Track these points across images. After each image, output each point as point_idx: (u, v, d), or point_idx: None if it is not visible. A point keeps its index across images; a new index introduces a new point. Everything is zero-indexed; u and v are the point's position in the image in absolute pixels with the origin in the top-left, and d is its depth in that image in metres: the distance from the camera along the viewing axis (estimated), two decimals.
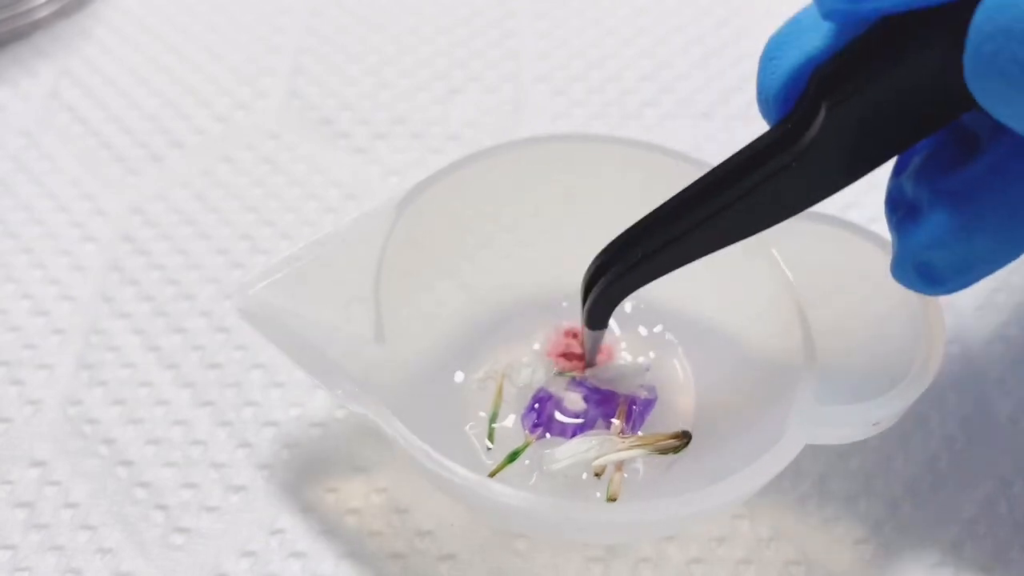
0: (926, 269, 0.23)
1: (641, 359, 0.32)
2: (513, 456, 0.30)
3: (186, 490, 0.31)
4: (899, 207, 0.24)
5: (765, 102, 0.24)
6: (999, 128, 0.21)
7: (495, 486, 0.25)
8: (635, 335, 0.33)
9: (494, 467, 0.30)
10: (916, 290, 0.23)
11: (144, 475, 0.31)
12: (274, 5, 0.47)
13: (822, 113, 0.22)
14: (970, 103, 0.20)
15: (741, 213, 0.24)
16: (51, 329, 0.35)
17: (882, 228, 0.36)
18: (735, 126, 0.40)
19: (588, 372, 0.31)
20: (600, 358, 0.32)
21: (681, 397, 0.31)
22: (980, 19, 0.18)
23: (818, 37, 0.22)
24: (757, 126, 0.24)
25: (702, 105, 0.42)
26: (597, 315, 0.29)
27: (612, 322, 0.33)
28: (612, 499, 0.29)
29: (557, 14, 0.46)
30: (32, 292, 0.36)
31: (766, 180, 0.23)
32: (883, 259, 0.29)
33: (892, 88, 0.21)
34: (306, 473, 0.31)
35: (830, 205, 0.38)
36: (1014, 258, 0.22)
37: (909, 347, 0.27)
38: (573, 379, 0.32)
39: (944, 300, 0.34)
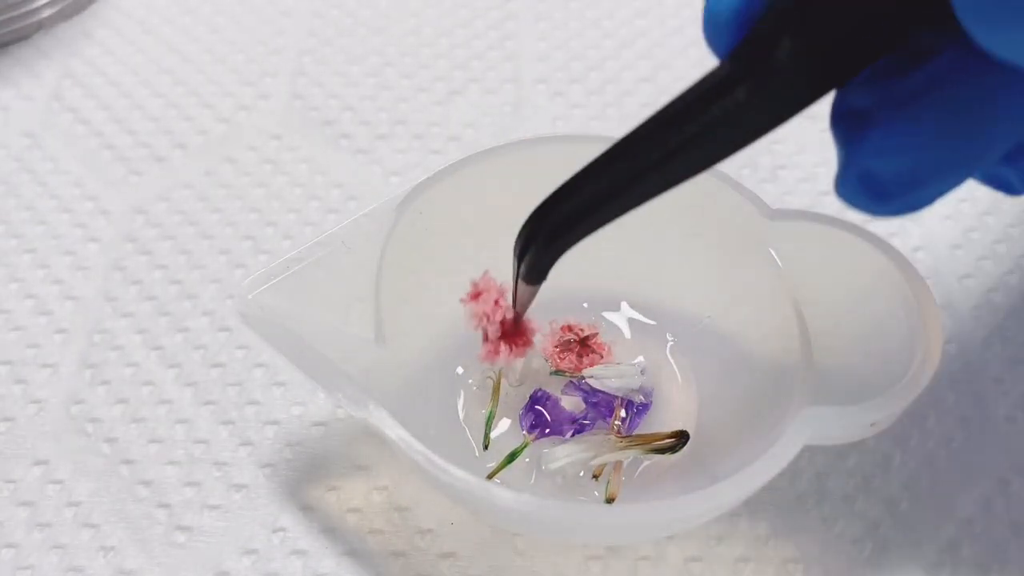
0: (871, 181, 0.21)
1: (639, 359, 0.32)
2: (511, 457, 0.30)
3: (188, 488, 0.31)
4: (845, 117, 0.22)
5: (714, 32, 0.22)
6: (948, 35, 0.20)
7: (495, 490, 0.25)
8: (634, 335, 0.33)
9: (493, 468, 0.30)
10: (861, 208, 0.22)
11: (146, 473, 0.31)
12: (276, 7, 0.47)
13: (786, 45, 0.21)
14: (937, 16, 0.19)
15: (698, 148, 0.23)
16: (54, 328, 0.35)
17: (881, 228, 0.37)
18: None
19: (585, 373, 0.31)
20: (597, 359, 0.32)
21: (680, 397, 0.32)
22: None
23: None
24: None
25: None
26: (540, 267, 0.26)
27: (618, 322, 0.33)
28: (610, 499, 0.29)
29: (557, 16, 0.46)
30: (35, 292, 0.36)
31: (726, 114, 0.22)
32: (882, 259, 0.29)
33: (859, 16, 0.20)
34: (307, 472, 0.31)
35: (830, 205, 0.38)
36: (962, 177, 0.21)
37: (906, 347, 0.28)
38: (571, 381, 0.32)
39: (942, 300, 0.35)
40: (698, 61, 0.44)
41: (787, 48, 0.21)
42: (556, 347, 0.32)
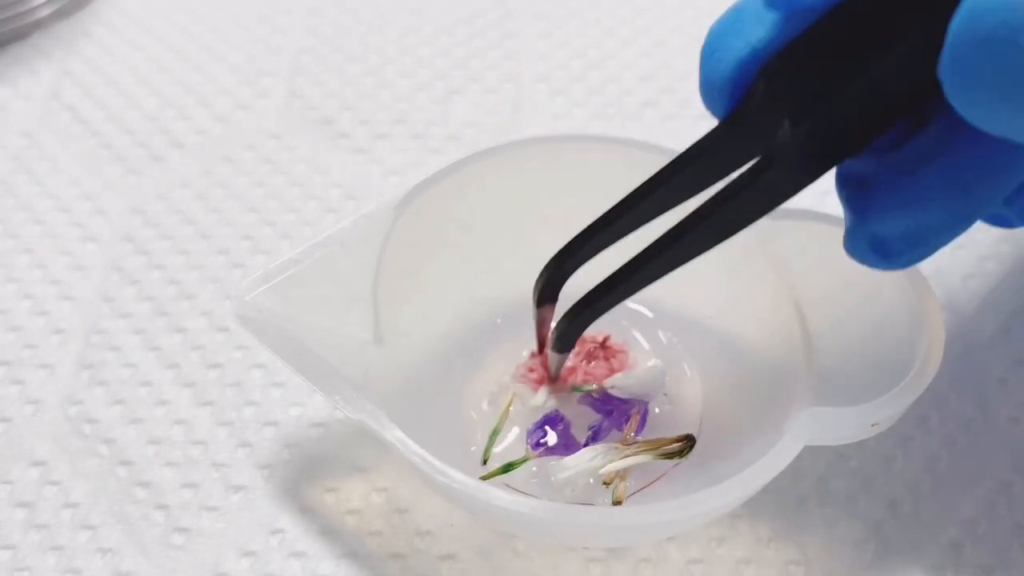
0: (879, 243, 0.22)
1: (653, 361, 0.32)
2: (508, 467, 0.29)
3: (186, 490, 0.31)
4: (849, 182, 0.23)
5: (710, 95, 0.23)
6: (940, 105, 0.21)
7: (492, 492, 0.25)
8: (636, 335, 0.33)
9: (489, 472, 0.29)
10: (870, 265, 0.23)
11: (144, 475, 0.31)
12: (275, 5, 0.47)
13: (784, 126, 0.21)
14: (933, 91, 0.19)
15: (710, 228, 0.24)
16: (51, 329, 0.35)
17: None
18: None
19: (607, 383, 0.31)
20: (624, 357, 0.32)
21: (685, 398, 0.31)
22: (959, 27, 0.18)
23: (762, 27, 0.22)
24: None
25: (701, 106, 0.42)
26: (568, 340, 0.29)
27: (621, 323, 0.33)
28: (617, 503, 0.29)
29: (557, 15, 0.46)
30: (33, 292, 0.36)
31: (736, 192, 0.23)
32: None
33: (858, 94, 0.21)
34: (306, 473, 0.31)
35: (830, 205, 0.38)
36: (963, 230, 0.22)
37: (909, 347, 0.27)
38: (589, 393, 0.31)
39: (944, 300, 0.34)
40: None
41: (787, 133, 0.22)
42: (581, 360, 0.32)
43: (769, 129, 0.22)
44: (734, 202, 0.23)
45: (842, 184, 0.24)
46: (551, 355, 0.30)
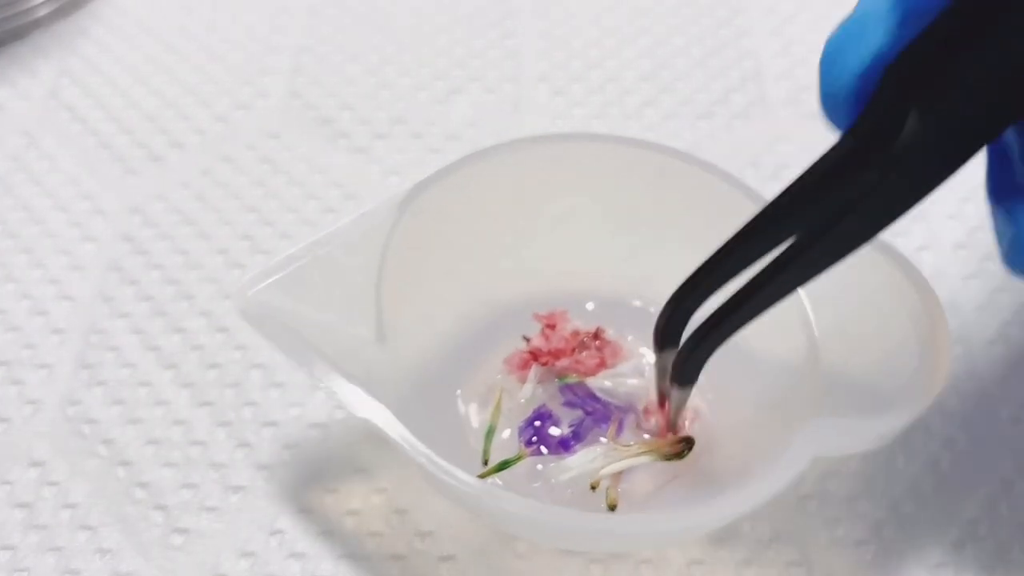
0: None
1: (642, 352, 0.32)
2: (503, 465, 0.29)
3: (185, 490, 0.31)
4: (1006, 193, 0.22)
5: (834, 106, 0.23)
6: None
7: (500, 494, 0.24)
8: (638, 336, 0.33)
9: (485, 470, 0.29)
10: None
11: (143, 475, 0.31)
12: (274, 5, 0.47)
13: (912, 117, 0.21)
14: None
15: (842, 234, 0.23)
16: (50, 329, 0.35)
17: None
18: (735, 125, 0.40)
19: (591, 382, 0.31)
20: (617, 348, 0.32)
21: (687, 407, 0.31)
22: None
23: (881, 32, 0.21)
24: (757, 125, 0.24)
25: (702, 105, 0.42)
26: (692, 372, 0.27)
27: (622, 323, 0.33)
28: (612, 506, 0.28)
29: (557, 14, 0.46)
30: (31, 292, 0.36)
31: (866, 196, 0.22)
32: (887, 267, 0.29)
33: (984, 78, 0.20)
34: (305, 473, 0.31)
35: None
36: None
37: (915, 357, 0.27)
38: (568, 386, 0.31)
39: (946, 300, 0.34)
40: (699, 60, 0.44)
41: (916, 122, 0.21)
42: (574, 351, 0.32)
43: (895, 132, 0.21)
44: (861, 208, 0.22)
45: (998, 198, 0.23)
46: (674, 391, 0.28)
